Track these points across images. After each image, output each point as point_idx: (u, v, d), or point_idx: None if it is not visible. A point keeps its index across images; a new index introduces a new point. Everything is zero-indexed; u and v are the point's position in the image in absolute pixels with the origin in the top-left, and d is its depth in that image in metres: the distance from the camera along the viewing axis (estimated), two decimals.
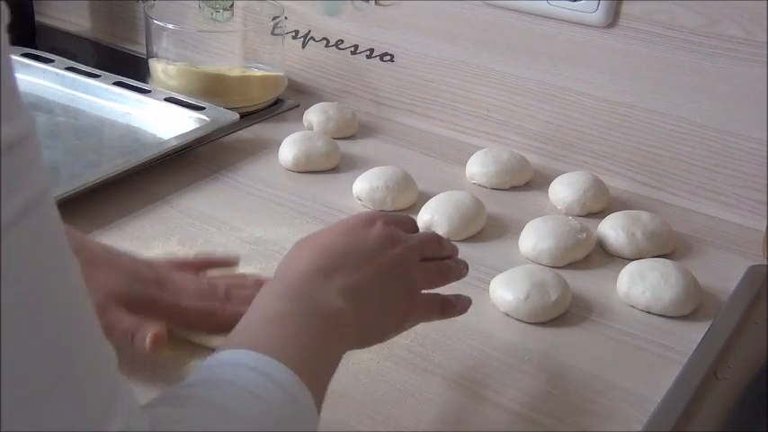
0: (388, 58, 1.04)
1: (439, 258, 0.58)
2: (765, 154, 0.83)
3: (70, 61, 1.05)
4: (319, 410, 0.44)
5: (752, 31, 0.80)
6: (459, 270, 0.59)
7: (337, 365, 0.49)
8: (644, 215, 0.80)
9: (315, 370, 0.45)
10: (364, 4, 1.03)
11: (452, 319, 0.68)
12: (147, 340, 0.55)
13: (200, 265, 0.65)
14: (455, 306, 0.58)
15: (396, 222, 0.57)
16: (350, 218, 0.56)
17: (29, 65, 1.03)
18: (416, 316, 0.57)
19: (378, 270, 0.52)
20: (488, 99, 0.99)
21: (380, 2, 1.02)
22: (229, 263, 0.68)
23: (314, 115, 0.99)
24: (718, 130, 0.85)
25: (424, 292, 0.56)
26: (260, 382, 0.41)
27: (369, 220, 0.55)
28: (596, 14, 0.87)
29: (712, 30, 0.82)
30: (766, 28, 0.79)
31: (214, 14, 1.07)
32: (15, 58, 1.04)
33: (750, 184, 0.85)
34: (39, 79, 1.03)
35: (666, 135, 0.88)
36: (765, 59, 0.80)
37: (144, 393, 0.50)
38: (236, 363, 0.42)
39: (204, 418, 0.38)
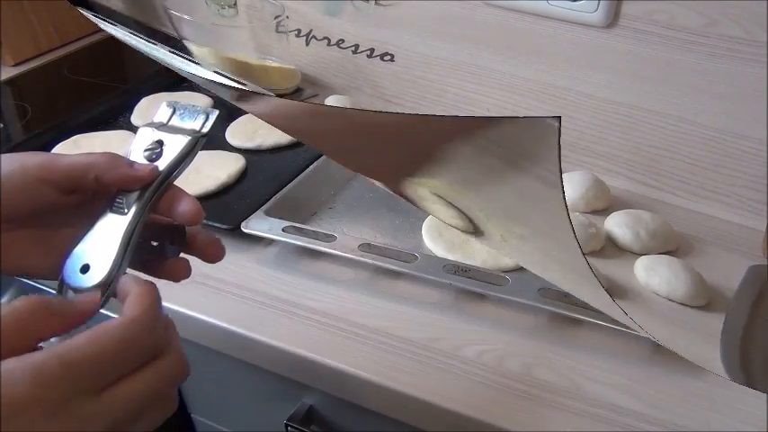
0: (389, 58, 1.04)
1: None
2: (765, 154, 0.83)
3: None
4: None
5: (752, 31, 0.80)
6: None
7: None
8: (644, 215, 0.80)
9: None
10: (364, 4, 1.03)
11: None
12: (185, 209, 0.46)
13: None
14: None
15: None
16: None
17: None
18: None
19: None
20: (488, 99, 0.99)
21: (380, 2, 1.02)
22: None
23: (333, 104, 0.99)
24: (718, 130, 0.85)
25: None
26: None
27: None
28: (596, 14, 0.87)
29: (712, 30, 0.82)
30: (766, 28, 0.79)
31: (220, 11, 1.08)
32: None
33: (750, 184, 0.85)
34: None
35: (666, 135, 0.89)
36: (765, 59, 0.80)
37: None
38: None
39: None
